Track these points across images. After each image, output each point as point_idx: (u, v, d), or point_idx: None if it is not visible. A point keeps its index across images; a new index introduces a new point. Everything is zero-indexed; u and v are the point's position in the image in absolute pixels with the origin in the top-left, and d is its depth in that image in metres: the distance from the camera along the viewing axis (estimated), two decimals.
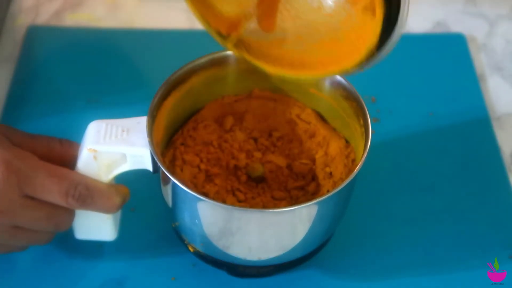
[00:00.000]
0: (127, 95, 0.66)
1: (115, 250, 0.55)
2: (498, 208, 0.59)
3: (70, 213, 0.49)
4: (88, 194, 0.48)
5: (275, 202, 0.50)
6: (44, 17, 0.75)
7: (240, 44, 0.51)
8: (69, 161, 0.49)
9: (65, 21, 0.74)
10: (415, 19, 0.76)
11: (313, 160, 0.54)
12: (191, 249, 0.54)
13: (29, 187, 0.46)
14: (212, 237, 0.50)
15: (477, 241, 0.57)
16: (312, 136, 0.55)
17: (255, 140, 0.55)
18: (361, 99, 0.52)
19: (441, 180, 0.61)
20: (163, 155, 0.52)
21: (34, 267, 0.55)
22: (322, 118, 0.56)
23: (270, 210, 0.47)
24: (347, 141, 0.54)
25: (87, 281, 0.54)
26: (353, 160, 0.53)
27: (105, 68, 0.68)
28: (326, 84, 0.54)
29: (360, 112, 0.52)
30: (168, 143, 0.54)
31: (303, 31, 0.49)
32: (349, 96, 0.53)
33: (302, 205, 0.47)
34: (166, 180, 0.49)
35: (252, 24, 0.50)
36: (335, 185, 0.51)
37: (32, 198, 0.47)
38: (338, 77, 0.53)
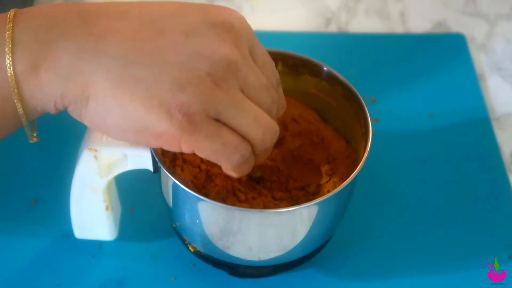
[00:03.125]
0: None
1: (115, 250, 0.55)
2: (498, 208, 0.59)
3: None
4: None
5: (276, 202, 0.50)
6: None
7: None
8: None
9: None
10: (415, 19, 0.76)
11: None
12: (192, 249, 0.54)
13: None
14: (212, 237, 0.50)
15: (477, 241, 0.57)
16: (312, 136, 0.55)
17: None
18: (361, 99, 0.52)
19: (441, 180, 0.61)
20: (163, 154, 0.52)
21: (34, 267, 0.55)
22: (322, 119, 0.56)
23: (271, 210, 0.47)
24: (347, 141, 0.54)
25: (87, 281, 0.54)
26: (354, 161, 0.53)
27: None
28: (327, 84, 0.54)
29: (360, 112, 0.52)
30: None
31: None
32: (349, 96, 0.53)
33: (302, 206, 0.47)
34: (167, 180, 0.49)
35: None
36: (335, 185, 0.51)
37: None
38: (339, 77, 0.53)
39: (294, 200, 0.51)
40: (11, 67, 0.41)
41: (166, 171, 0.48)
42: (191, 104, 0.41)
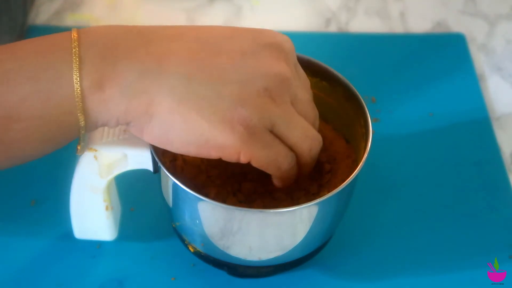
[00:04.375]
0: None
1: (115, 250, 0.55)
2: (498, 208, 0.59)
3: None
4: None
5: (276, 202, 0.50)
6: (44, 17, 0.75)
7: None
8: None
9: (65, 21, 0.74)
10: (415, 19, 0.76)
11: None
12: (191, 249, 0.54)
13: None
14: (212, 237, 0.50)
15: (477, 241, 0.57)
16: None
17: None
18: (361, 99, 0.52)
19: (441, 180, 0.61)
20: (163, 155, 0.52)
21: (34, 267, 0.55)
22: (322, 118, 0.56)
23: (271, 211, 0.47)
24: (347, 141, 0.54)
25: (87, 281, 0.54)
26: (354, 161, 0.53)
27: None
28: (327, 84, 0.54)
29: (360, 112, 0.52)
30: None
31: None
32: (350, 96, 0.53)
33: (302, 206, 0.47)
34: (167, 180, 0.49)
35: None
36: (335, 185, 0.51)
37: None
38: (339, 77, 0.53)
39: (294, 200, 0.51)
40: (78, 83, 0.43)
41: (166, 171, 0.48)
42: (251, 118, 0.45)
